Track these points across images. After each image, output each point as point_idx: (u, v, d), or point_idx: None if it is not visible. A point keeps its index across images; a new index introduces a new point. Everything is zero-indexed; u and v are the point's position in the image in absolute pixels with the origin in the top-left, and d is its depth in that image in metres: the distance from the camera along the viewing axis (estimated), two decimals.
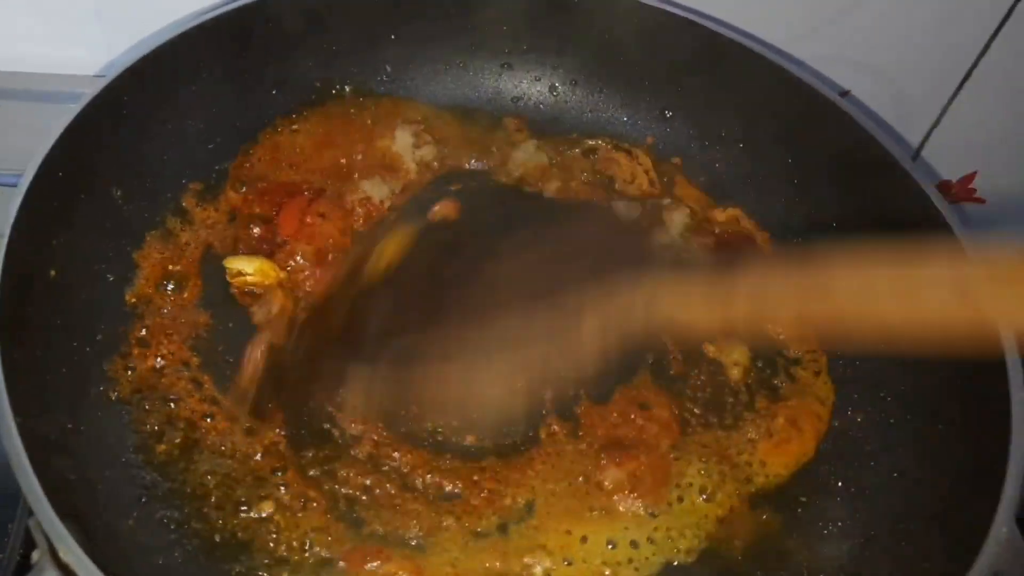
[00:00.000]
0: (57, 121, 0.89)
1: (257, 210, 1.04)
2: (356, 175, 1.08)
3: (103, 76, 0.95)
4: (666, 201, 1.11)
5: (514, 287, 0.85)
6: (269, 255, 1.00)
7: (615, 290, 0.79)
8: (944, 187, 1.34)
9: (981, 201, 1.36)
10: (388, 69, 1.15)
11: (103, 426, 0.86)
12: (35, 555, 0.67)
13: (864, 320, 0.72)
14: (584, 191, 1.11)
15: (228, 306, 0.97)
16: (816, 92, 1.06)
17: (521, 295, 0.83)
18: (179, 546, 0.81)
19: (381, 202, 1.06)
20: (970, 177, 1.34)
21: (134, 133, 0.98)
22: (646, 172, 1.13)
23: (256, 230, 1.02)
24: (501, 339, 0.82)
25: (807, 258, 0.73)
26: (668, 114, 1.16)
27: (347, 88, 1.14)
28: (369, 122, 1.12)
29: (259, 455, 0.87)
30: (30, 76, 1.13)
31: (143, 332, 0.93)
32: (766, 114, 1.09)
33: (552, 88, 1.18)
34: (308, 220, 1.03)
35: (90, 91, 0.92)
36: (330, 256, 1.01)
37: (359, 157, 1.10)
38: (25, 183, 0.84)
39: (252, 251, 1.01)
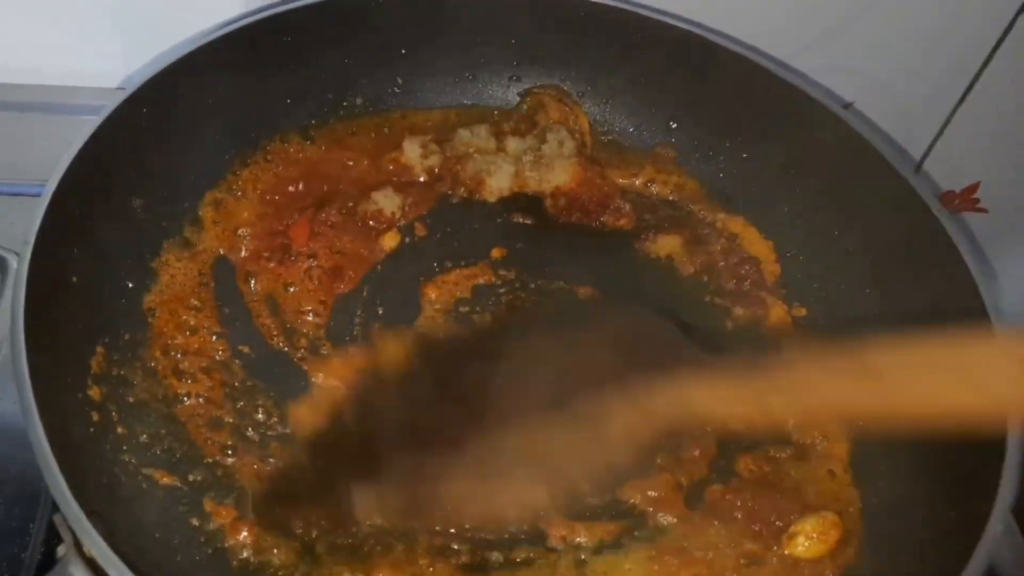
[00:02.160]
0: (79, 133, 0.91)
1: (270, 221, 1.06)
2: (367, 186, 1.11)
3: (123, 88, 0.97)
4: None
5: (533, 388, 0.81)
6: (281, 264, 1.02)
7: (641, 390, 0.74)
8: (947, 197, 1.36)
9: (984, 211, 1.37)
10: (399, 81, 1.18)
11: (124, 428, 0.88)
12: (61, 549, 0.69)
13: (906, 409, 0.67)
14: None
15: (242, 315, 0.99)
16: (819, 104, 1.08)
17: (541, 398, 0.79)
18: (199, 545, 0.83)
19: (392, 214, 1.08)
20: (973, 187, 1.35)
21: (153, 144, 1.00)
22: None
23: (270, 240, 1.04)
24: (519, 451, 0.77)
25: (842, 345, 0.69)
26: (673, 125, 1.18)
27: (359, 100, 1.17)
28: (381, 133, 1.15)
29: None
30: (52, 89, 1.16)
31: (159, 340, 0.95)
32: (769, 126, 1.11)
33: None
34: (319, 231, 1.05)
35: (111, 103, 0.95)
36: (345, 270, 1.03)
37: (370, 169, 1.13)
38: (48, 193, 0.87)
39: (266, 261, 1.03)
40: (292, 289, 1.01)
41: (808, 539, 0.87)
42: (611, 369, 0.78)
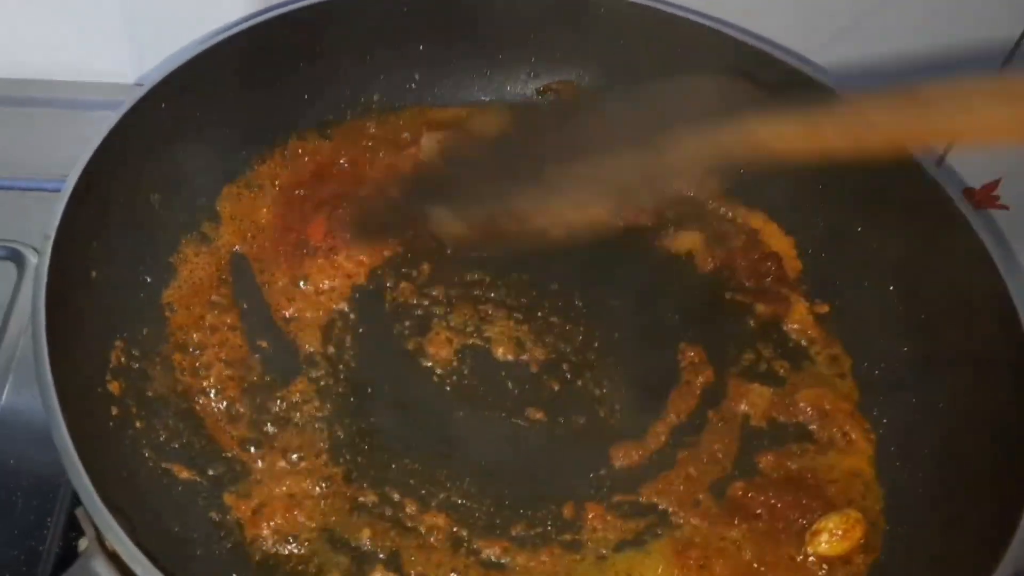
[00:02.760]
0: (97, 129, 0.92)
1: (288, 216, 1.06)
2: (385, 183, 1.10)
3: (140, 85, 0.97)
4: None
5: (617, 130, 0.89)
6: (300, 262, 1.02)
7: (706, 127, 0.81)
8: (967, 194, 1.35)
9: (1005, 207, 1.36)
10: (416, 77, 1.17)
11: (143, 423, 0.88)
12: (82, 543, 0.69)
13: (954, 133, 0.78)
14: None
15: (260, 310, 0.99)
16: (837, 95, 1.07)
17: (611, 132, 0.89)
18: (218, 540, 0.83)
19: None
20: (993, 184, 1.34)
21: (171, 140, 1.00)
22: None
23: (287, 236, 1.04)
24: (589, 175, 0.86)
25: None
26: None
27: (376, 97, 1.16)
28: (399, 127, 1.15)
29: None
30: (69, 85, 1.16)
31: (178, 334, 0.95)
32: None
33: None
34: (336, 228, 1.05)
35: (129, 99, 0.95)
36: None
37: (388, 165, 1.12)
38: (69, 187, 0.87)
39: (283, 257, 1.03)
40: (308, 284, 1.01)
41: (832, 536, 0.86)
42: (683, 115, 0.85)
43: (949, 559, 0.82)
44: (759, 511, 0.88)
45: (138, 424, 0.87)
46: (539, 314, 1.03)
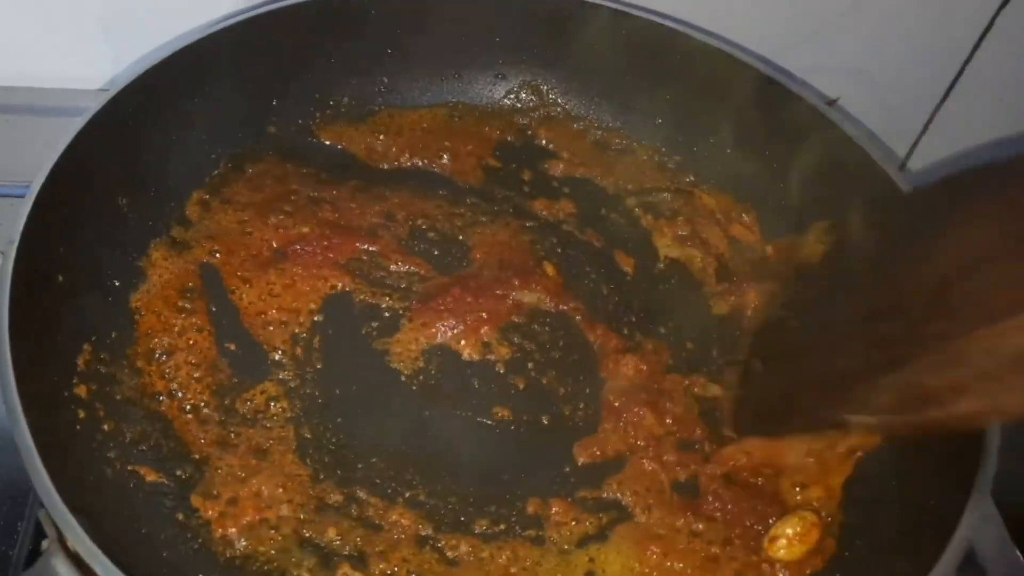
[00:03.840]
0: (63, 134, 0.92)
1: (257, 220, 1.06)
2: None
3: (107, 90, 0.98)
4: None
5: None
6: (269, 265, 1.03)
7: None
8: None
9: None
10: (385, 80, 1.18)
11: (111, 425, 0.89)
12: (44, 543, 0.69)
13: None
14: None
15: (229, 313, 1.00)
16: (803, 101, 1.09)
17: None
18: (185, 540, 0.84)
19: None
20: None
21: (138, 144, 1.00)
22: None
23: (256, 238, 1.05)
24: None
25: None
26: (658, 121, 1.18)
27: (345, 99, 1.17)
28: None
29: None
30: (37, 91, 1.17)
31: (147, 338, 0.96)
32: (755, 122, 1.12)
33: (544, 97, 1.21)
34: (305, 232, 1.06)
35: (95, 105, 0.95)
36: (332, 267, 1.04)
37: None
38: (33, 192, 0.87)
39: (252, 260, 1.03)
40: (279, 289, 1.02)
41: (789, 542, 0.87)
42: None
43: (906, 545, 0.84)
44: (717, 514, 0.89)
45: (105, 427, 0.88)
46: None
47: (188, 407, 0.93)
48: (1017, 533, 1.00)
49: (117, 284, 0.97)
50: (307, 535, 0.86)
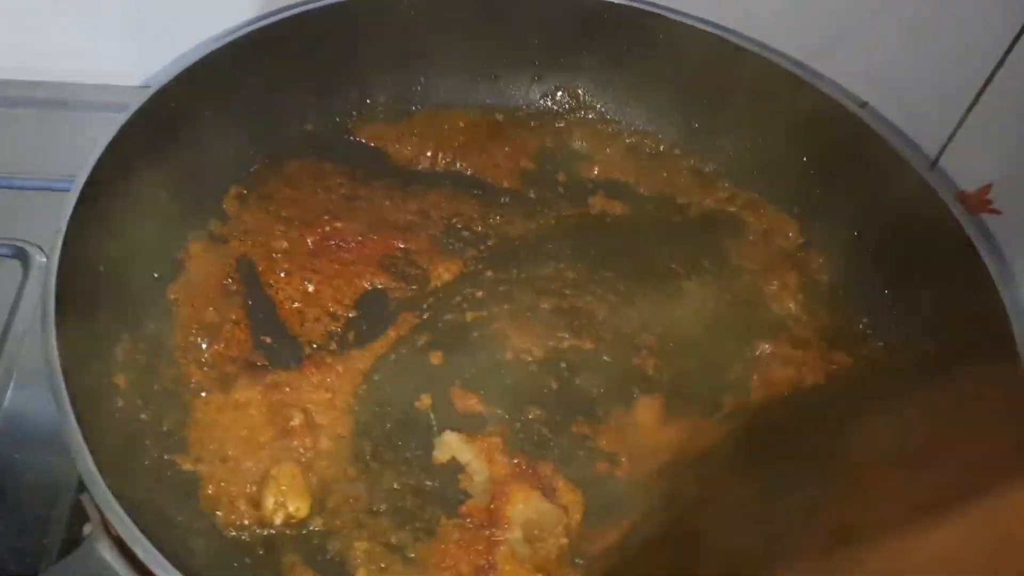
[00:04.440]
0: (106, 129, 0.93)
1: (294, 216, 1.07)
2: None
3: (147, 87, 0.99)
4: None
5: None
6: (306, 261, 1.04)
7: None
8: (960, 198, 1.36)
9: (997, 212, 1.37)
10: (422, 80, 1.19)
11: (148, 415, 0.90)
12: (87, 528, 0.70)
13: None
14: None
15: (266, 307, 1.01)
16: (837, 103, 1.09)
17: None
18: (218, 532, 0.85)
19: None
20: (985, 189, 1.35)
21: (179, 139, 1.02)
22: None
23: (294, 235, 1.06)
24: None
25: None
26: (695, 125, 1.19)
27: (382, 99, 1.18)
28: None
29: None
30: (80, 87, 1.19)
31: (184, 329, 0.97)
32: (789, 125, 1.12)
33: (580, 100, 1.21)
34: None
35: (136, 101, 0.97)
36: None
37: None
38: (77, 187, 0.89)
39: (289, 255, 1.04)
40: (314, 284, 1.03)
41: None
42: None
43: None
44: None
45: (143, 416, 0.89)
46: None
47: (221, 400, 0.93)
48: None
49: (156, 276, 0.98)
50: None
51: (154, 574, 0.67)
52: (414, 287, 1.04)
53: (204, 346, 0.96)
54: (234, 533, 0.85)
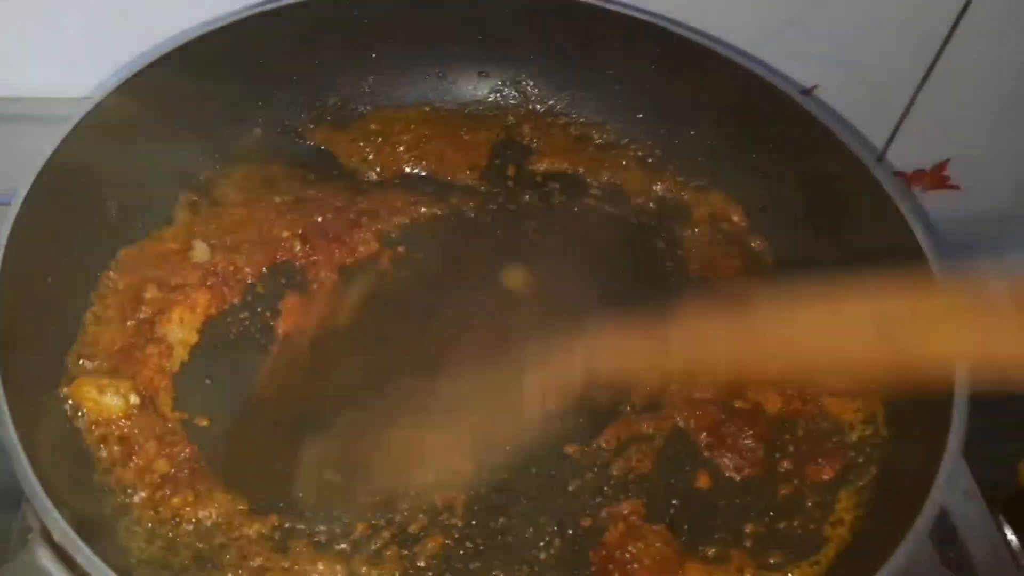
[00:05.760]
0: (48, 141, 0.94)
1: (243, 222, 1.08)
2: None
3: (90, 98, 1.00)
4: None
5: (464, 338, 0.85)
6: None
7: (556, 343, 0.78)
8: (918, 176, 1.37)
9: (956, 188, 1.39)
10: (370, 80, 1.20)
11: None
12: (30, 536, 0.71)
13: (793, 362, 0.72)
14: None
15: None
16: (777, 90, 1.10)
17: (471, 347, 0.83)
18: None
19: None
20: (942, 165, 1.37)
21: (125, 148, 1.01)
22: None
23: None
24: (446, 400, 0.82)
25: (740, 298, 0.73)
26: (639, 116, 1.20)
27: (331, 100, 1.19)
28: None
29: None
30: (20, 101, 1.18)
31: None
32: (730, 112, 1.14)
33: (527, 94, 1.22)
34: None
35: (79, 112, 0.97)
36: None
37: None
38: (19, 199, 0.89)
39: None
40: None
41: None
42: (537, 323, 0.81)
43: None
44: None
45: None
46: None
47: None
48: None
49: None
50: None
51: None
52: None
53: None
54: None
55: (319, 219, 1.09)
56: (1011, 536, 1.06)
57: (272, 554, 0.84)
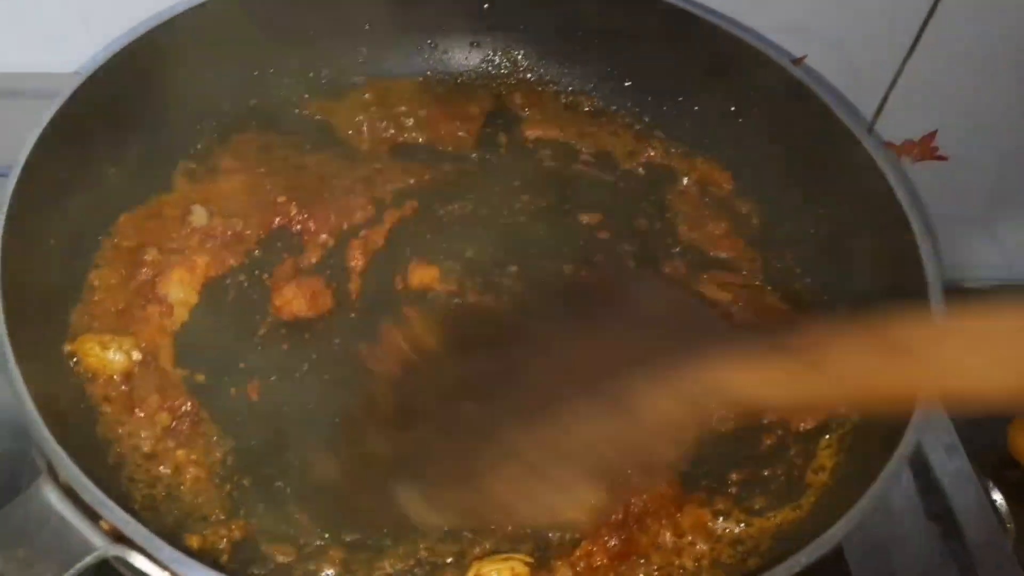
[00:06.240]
0: (43, 113, 0.95)
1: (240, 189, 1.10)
2: None
3: (79, 73, 1.01)
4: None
5: (563, 373, 0.76)
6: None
7: (673, 374, 0.69)
8: (907, 147, 1.39)
9: (944, 158, 1.40)
10: (364, 51, 1.22)
11: None
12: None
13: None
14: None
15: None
16: (765, 56, 1.12)
17: (569, 380, 0.75)
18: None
19: None
20: (931, 136, 1.38)
21: (121, 119, 1.04)
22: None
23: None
24: (561, 444, 0.72)
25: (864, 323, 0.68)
26: (627, 83, 1.22)
27: (324, 72, 1.21)
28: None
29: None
30: (13, 76, 1.20)
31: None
32: (717, 80, 1.16)
33: (517, 64, 1.25)
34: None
35: (70, 86, 0.98)
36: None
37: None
38: (19, 165, 0.91)
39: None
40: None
41: None
42: (641, 351, 0.74)
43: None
44: None
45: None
46: None
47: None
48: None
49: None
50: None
51: (98, 514, 0.71)
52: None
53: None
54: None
55: (315, 185, 1.11)
56: (998, 499, 1.09)
57: None
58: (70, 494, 0.72)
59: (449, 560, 0.86)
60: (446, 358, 0.85)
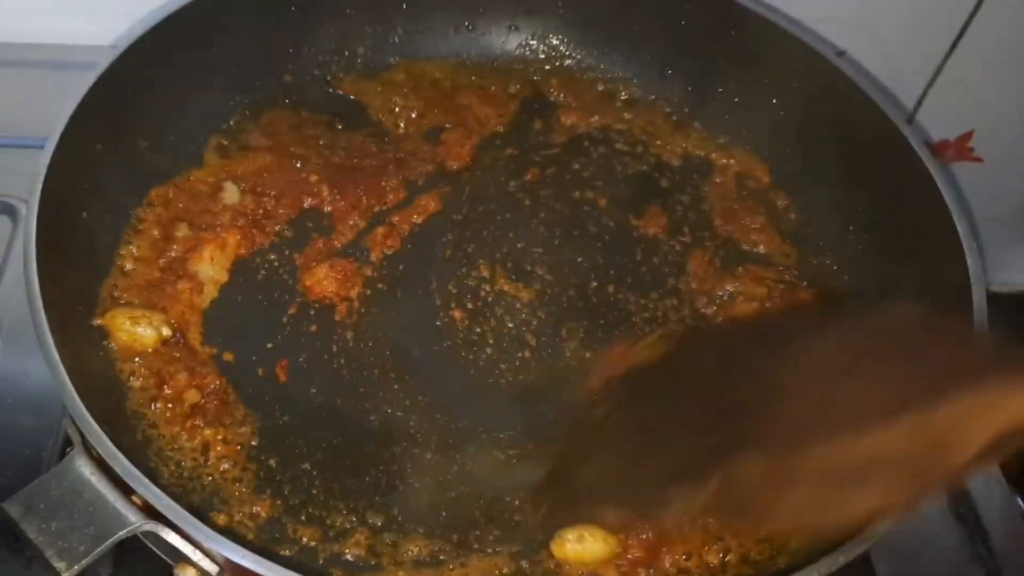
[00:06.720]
0: (78, 87, 0.94)
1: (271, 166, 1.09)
2: None
3: (116, 46, 1.00)
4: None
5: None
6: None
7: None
8: (942, 147, 1.37)
9: (979, 159, 1.39)
10: (400, 32, 1.21)
11: None
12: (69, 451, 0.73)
13: None
14: None
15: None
16: (811, 49, 1.10)
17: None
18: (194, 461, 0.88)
19: None
20: (967, 136, 1.36)
21: (155, 93, 1.03)
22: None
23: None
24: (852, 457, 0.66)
25: None
26: (668, 72, 1.20)
27: (361, 50, 1.20)
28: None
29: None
30: (53, 47, 1.20)
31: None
32: (761, 71, 1.14)
33: (555, 49, 1.23)
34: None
35: (103, 61, 0.97)
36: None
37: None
38: (55, 137, 0.90)
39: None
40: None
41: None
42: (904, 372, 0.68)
43: None
44: None
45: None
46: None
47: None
48: None
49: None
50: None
51: (130, 487, 0.70)
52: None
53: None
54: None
55: (347, 166, 1.09)
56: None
57: None
58: (103, 468, 0.71)
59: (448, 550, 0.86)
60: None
